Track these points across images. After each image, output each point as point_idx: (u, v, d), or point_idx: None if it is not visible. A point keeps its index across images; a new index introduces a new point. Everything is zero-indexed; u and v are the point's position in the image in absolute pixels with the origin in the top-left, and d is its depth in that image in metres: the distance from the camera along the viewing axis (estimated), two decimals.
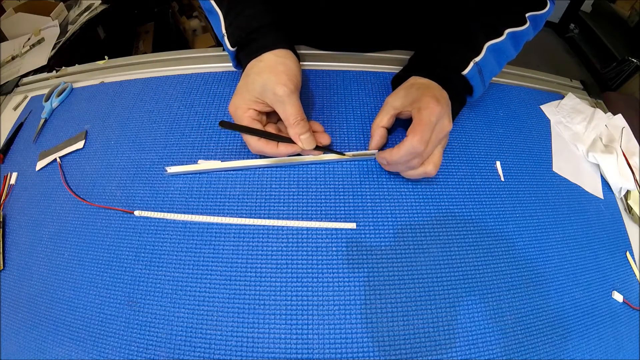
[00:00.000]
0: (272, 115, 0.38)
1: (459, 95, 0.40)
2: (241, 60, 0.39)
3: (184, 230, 0.35)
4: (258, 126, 0.35)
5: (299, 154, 0.38)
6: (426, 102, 0.33)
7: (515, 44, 0.41)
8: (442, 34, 0.41)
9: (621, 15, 1.85)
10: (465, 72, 0.38)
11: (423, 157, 0.34)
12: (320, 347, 0.30)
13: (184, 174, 0.38)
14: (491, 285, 0.34)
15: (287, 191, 0.37)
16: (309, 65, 0.49)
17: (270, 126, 0.37)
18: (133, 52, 1.42)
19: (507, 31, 0.39)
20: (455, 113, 0.40)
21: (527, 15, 0.41)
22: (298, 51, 0.52)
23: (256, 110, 0.35)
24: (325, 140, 0.38)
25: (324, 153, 0.38)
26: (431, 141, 0.33)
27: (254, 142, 0.35)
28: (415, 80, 0.38)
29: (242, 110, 0.35)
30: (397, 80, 0.43)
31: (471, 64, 0.38)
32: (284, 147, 0.36)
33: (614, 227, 0.41)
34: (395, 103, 0.37)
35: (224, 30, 0.39)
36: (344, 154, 0.38)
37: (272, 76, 0.33)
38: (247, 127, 0.35)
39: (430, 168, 0.34)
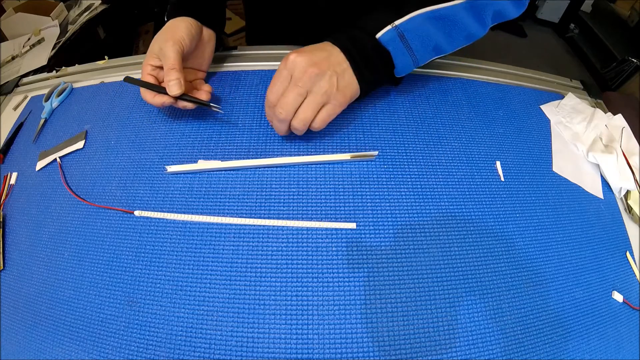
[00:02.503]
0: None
1: (371, 64, 0.37)
2: None
3: (184, 230, 0.35)
4: (152, 80, 0.40)
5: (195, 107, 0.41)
6: (287, 55, 0.35)
7: (477, 14, 0.38)
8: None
9: (621, 15, 1.85)
10: (379, 34, 0.36)
11: (279, 108, 0.34)
12: (320, 347, 0.30)
13: (184, 174, 0.38)
14: (491, 285, 0.34)
15: (287, 191, 0.37)
16: None
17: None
18: (133, 52, 1.42)
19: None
20: (372, 84, 0.39)
21: None
22: None
23: (152, 65, 0.40)
24: (201, 95, 0.41)
25: (191, 102, 0.40)
26: (286, 94, 0.34)
27: (141, 92, 0.40)
28: (324, 46, 0.37)
29: (144, 65, 0.40)
30: None
31: (388, 27, 0.36)
32: (158, 97, 0.39)
33: (614, 227, 0.41)
34: None
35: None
36: (210, 106, 0.40)
37: (161, 35, 0.40)
38: (137, 80, 0.41)
39: (295, 122, 0.35)
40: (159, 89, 0.39)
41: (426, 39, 0.37)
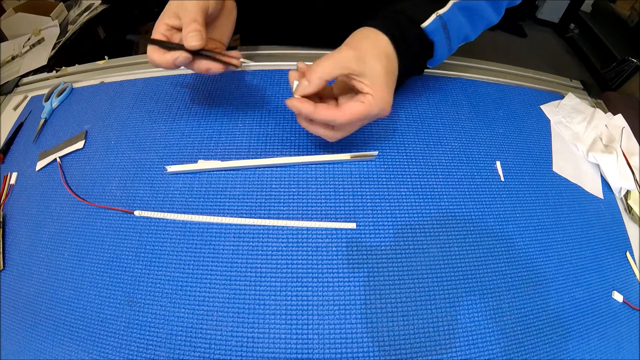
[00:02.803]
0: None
1: (411, 53, 0.36)
2: None
3: (184, 230, 0.35)
4: (163, 39, 0.35)
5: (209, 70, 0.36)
6: (379, 89, 0.32)
7: (495, 5, 0.39)
8: None
9: (621, 15, 1.85)
10: (425, 24, 0.35)
11: (345, 134, 0.34)
12: (320, 347, 0.30)
13: (184, 174, 0.38)
14: (491, 285, 0.34)
15: (287, 191, 0.37)
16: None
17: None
18: (133, 52, 1.42)
19: None
20: (405, 75, 0.38)
21: None
22: (298, 51, 0.52)
23: (167, 24, 0.35)
24: (230, 60, 0.36)
25: (210, 59, 0.35)
26: (356, 125, 0.34)
27: (148, 53, 0.35)
28: (359, 33, 0.35)
29: (157, 24, 0.35)
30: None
31: (433, 16, 0.35)
32: (170, 54, 0.34)
33: (614, 227, 0.41)
34: (349, 65, 0.32)
35: None
36: (233, 64, 0.36)
37: None
38: (151, 39, 0.35)
39: (338, 136, 0.34)
40: (172, 45, 0.34)
41: (460, 29, 0.38)
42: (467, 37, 0.39)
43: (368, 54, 0.32)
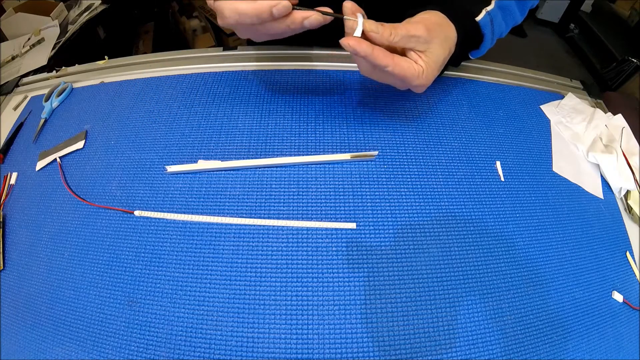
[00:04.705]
0: None
1: (464, 44, 0.39)
2: None
3: (184, 230, 0.35)
4: None
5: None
6: (432, 70, 0.33)
7: (521, 7, 0.42)
8: None
9: (621, 15, 1.85)
10: (478, 18, 0.38)
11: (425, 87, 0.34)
12: (320, 347, 0.30)
13: (184, 174, 0.38)
14: (491, 285, 0.34)
15: (287, 191, 0.37)
16: (308, 65, 0.49)
17: None
18: (133, 52, 1.42)
19: None
20: (455, 62, 0.40)
21: None
22: (298, 51, 0.52)
23: None
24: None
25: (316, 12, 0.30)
26: (396, 82, 0.34)
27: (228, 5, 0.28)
28: (433, 16, 0.35)
29: None
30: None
31: (484, 12, 0.38)
32: (266, 2, 0.28)
33: (614, 227, 0.41)
34: (415, 46, 0.32)
35: None
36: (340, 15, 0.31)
37: None
38: None
39: (373, 76, 0.33)
40: None
41: (499, 25, 0.40)
42: (501, 33, 0.42)
43: (436, 39, 0.33)
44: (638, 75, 1.57)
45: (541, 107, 0.50)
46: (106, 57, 0.56)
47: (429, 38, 0.32)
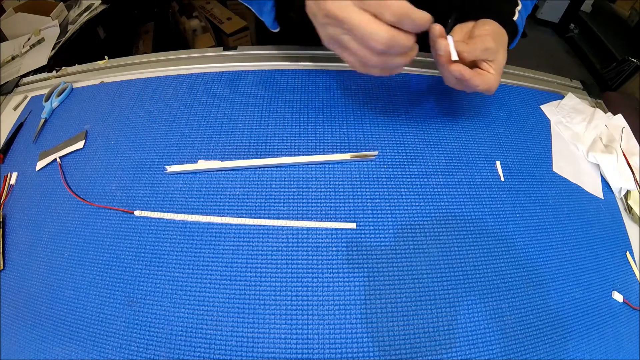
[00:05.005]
0: None
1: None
2: None
3: (184, 230, 0.35)
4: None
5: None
6: (498, 74, 0.37)
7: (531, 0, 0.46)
8: None
9: (621, 15, 1.85)
10: (515, 17, 0.41)
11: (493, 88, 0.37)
12: (320, 347, 0.30)
13: (184, 174, 0.38)
14: (491, 285, 0.34)
15: (287, 191, 0.37)
16: (309, 65, 0.49)
17: None
18: (133, 52, 1.42)
19: None
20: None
21: None
22: (298, 51, 0.52)
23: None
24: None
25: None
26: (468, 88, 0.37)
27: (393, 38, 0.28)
28: (493, 27, 0.37)
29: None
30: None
31: (517, 12, 0.42)
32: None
33: (614, 227, 0.41)
34: (488, 56, 0.36)
35: None
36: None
37: None
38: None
39: (459, 87, 0.37)
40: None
41: (523, 21, 0.43)
42: (520, 32, 0.44)
43: (502, 48, 0.37)
44: (638, 75, 1.57)
45: (541, 107, 0.50)
46: (106, 57, 0.56)
47: (496, 48, 0.36)
